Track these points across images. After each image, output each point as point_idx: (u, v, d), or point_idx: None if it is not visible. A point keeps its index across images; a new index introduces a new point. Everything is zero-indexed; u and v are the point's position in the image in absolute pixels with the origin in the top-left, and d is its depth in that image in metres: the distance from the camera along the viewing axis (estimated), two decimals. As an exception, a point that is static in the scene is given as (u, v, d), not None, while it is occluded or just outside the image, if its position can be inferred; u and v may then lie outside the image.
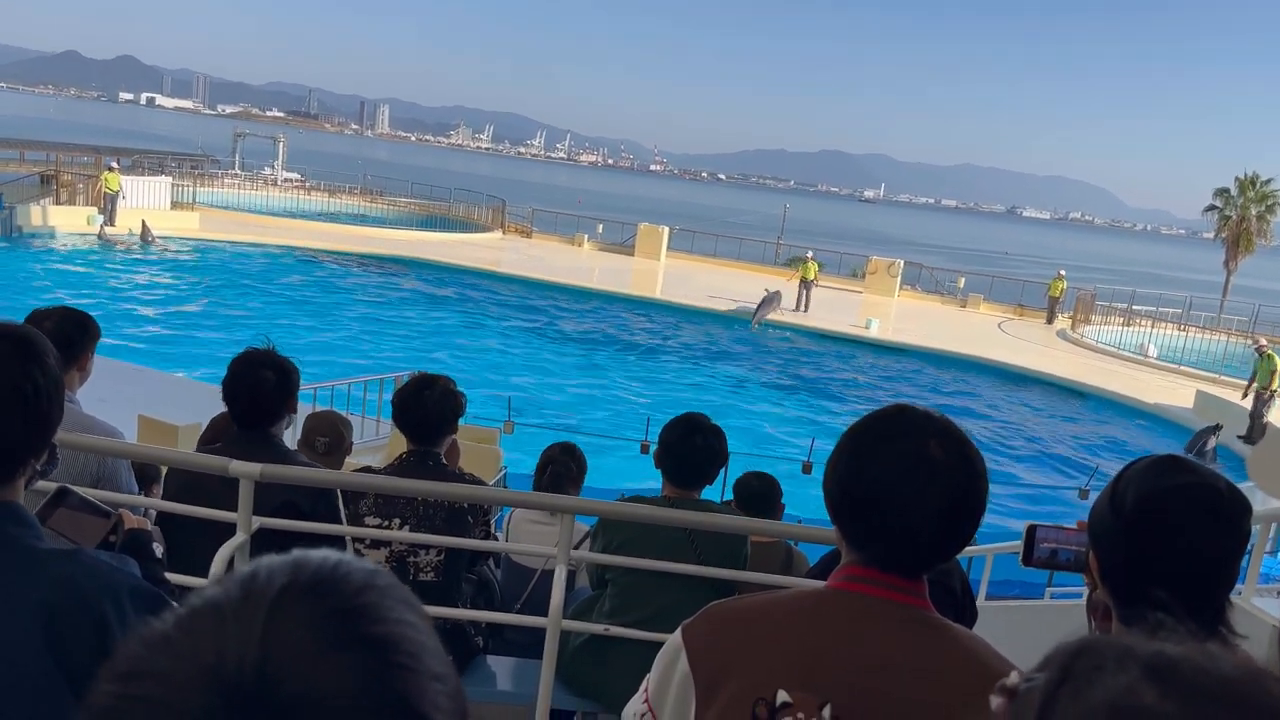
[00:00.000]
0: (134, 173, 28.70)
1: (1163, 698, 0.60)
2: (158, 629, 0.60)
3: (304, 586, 0.61)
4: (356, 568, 0.64)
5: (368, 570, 0.65)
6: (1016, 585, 8.42)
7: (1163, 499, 1.44)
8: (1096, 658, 0.66)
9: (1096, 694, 0.63)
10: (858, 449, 1.47)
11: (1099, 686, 0.63)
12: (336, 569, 0.63)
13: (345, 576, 0.63)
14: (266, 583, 0.61)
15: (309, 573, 0.62)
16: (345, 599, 0.61)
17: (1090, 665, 0.65)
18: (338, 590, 0.62)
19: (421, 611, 0.66)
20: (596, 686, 3.36)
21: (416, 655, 0.61)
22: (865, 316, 25.85)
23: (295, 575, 0.62)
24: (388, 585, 0.65)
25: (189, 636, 0.58)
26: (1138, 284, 41.90)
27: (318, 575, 0.62)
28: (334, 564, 0.64)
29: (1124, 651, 0.65)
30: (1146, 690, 0.61)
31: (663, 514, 3.21)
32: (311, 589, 0.61)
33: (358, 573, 0.64)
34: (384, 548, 3.34)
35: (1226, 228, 39.08)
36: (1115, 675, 0.63)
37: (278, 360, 3.38)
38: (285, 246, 27.50)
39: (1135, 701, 0.61)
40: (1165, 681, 0.61)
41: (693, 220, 56.52)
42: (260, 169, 41.87)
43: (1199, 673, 0.61)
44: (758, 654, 1.41)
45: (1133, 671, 0.63)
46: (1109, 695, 0.62)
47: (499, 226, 37.23)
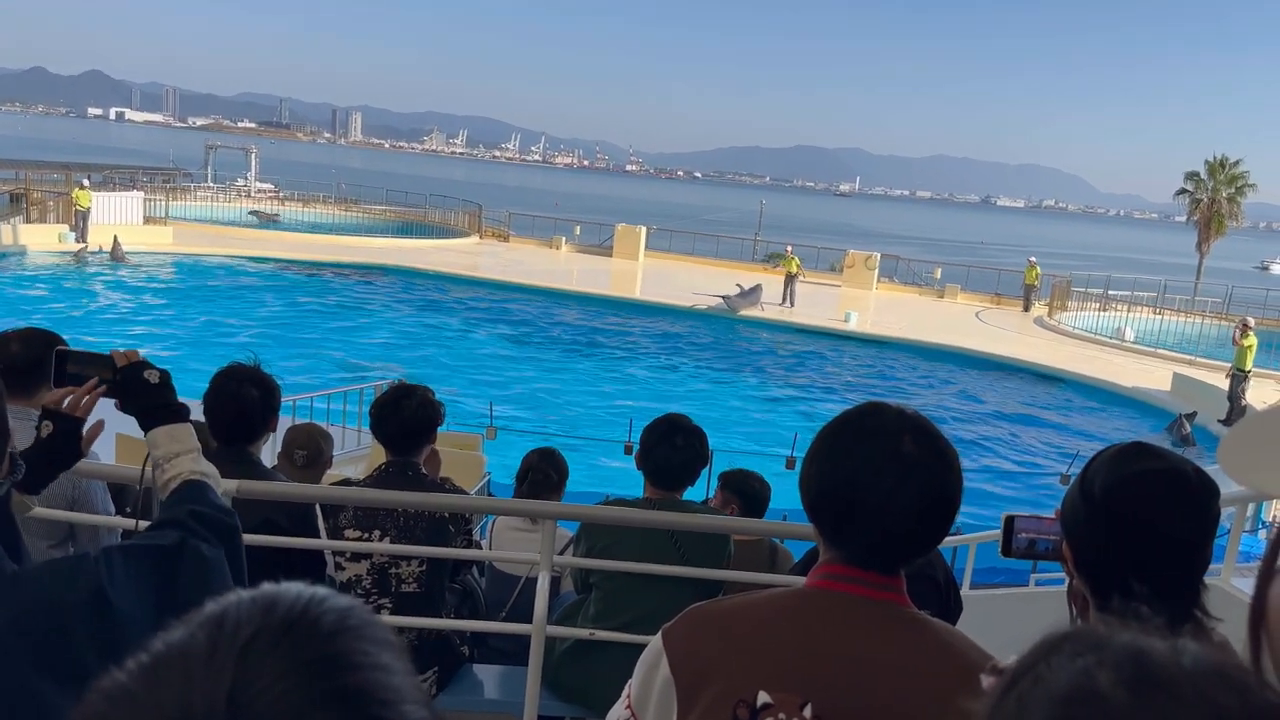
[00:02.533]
0: (105, 188, 28.43)
1: (1115, 684, 0.61)
2: (120, 680, 0.57)
3: (274, 633, 0.59)
4: (328, 607, 0.62)
5: (340, 609, 0.62)
6: (1001, 573, 8.46)
7: (1131, 485, 1.45)
8: (1067, 644, 0.67)
9: (1056, 677, 0.64)
10: (832, 447, 1.47)
11: (1059, 670, 0.64)
12: (307, 611, 0.61)
13: (317, 620, 0.61)
14: (234, 630, 0.59)
15: (279, 618, 0.60)
16: (317, 646, 0.59)
17: (1059, 653, 0.66)
18: (310, 637, 0.59)
19: (396, 648, 0.64)
20: (584, 691, 3.36)
21: (393, 704, 0.59)
22: (844, 310, 25.94)
23: (265, 621, 0.59)
24: (361, 625, 0.62)
25: (153, 690, 0.56)
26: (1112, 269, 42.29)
27: (288, 620, 0.60)
28: (304, 605, 0.61)
29: (1096, 640, 0.66)
30: (1103, 675, 0.62)
31: (645, 516, 3.21)
32: (283, 636, 0.59)
33: (329, 614, 0.62)
34: (365, 560, 3.32)
35: (1198, 211, 39.47)
36: (1076, 660, 0.64)
37: (261, 377, 3.36)
38: (260, 258, 27.33)
39: (1089, 684, 0.62)
40: (1123, 668, 0.61)
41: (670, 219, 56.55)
42: (233, 181, 41.62)
43: (1159, 664, 0.62)
44: (737, 656, 1.41)
45: (1094, 657, 0.64)
46: (1067, 678, 0.63)
47: (476, 231, 37.13)
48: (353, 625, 0.62)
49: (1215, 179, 39.35)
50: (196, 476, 1.74)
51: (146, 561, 1.42)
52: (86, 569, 1.36)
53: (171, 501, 1.68)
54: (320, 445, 4.34)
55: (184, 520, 1.55)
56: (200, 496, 1.68)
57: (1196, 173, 39.86)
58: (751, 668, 1.39)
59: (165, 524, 1.56)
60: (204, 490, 1.72)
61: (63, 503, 3.16)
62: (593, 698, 3.31)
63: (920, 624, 1.44)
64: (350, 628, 0.61)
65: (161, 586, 1.41)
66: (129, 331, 18.74)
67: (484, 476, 8.15)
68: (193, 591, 1.44)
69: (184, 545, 1.48)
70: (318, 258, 28.01)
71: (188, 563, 1.47)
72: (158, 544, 1.48)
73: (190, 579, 1.45)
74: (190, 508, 1.61)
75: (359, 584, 3.32)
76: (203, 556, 1.49)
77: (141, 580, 1.39)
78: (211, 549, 1.52)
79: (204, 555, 1.50)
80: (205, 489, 1.72)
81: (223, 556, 1.54)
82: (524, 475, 4.26)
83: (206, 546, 1.51)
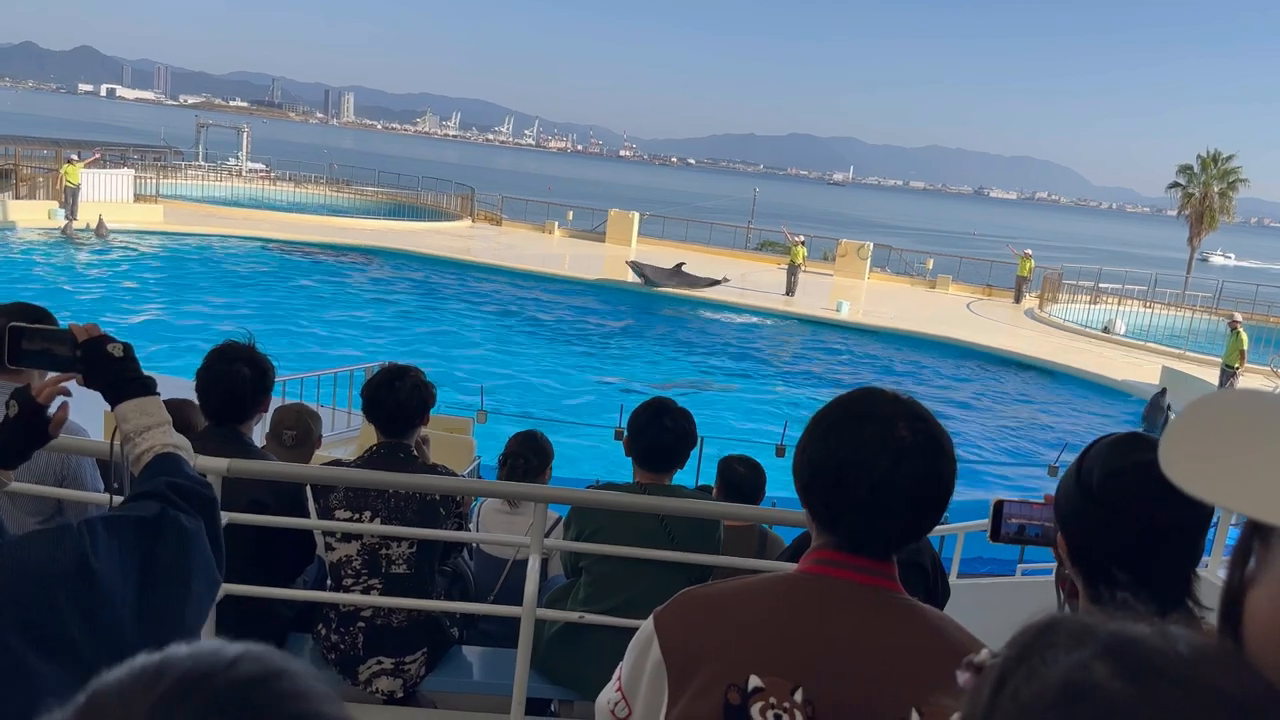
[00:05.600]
0: (93, 165, 28.20)
1: (1114, 675, 0.60)
2: None
3: (175, 696, 0.59)
4: (245, 670, 0.62)
5: (261, 674, 0.62)
6: (989, 562, 8.52)
7: (1129, 475, 1.45)
8: (1055, 636, 0.66)
9: (1050, 672, 0.63)
10: (826, 431, 1.48)
11: (1053, 664, 0.64)
12: (229, 672, 0.61)
13: (234, 682, 0.61)
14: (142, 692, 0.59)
15: (173, 684, 0.60)
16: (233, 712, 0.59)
17: (1048, 643, 0.65)
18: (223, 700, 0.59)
19: (325, 697, 0.63)
20: (573, 674, 3.36)
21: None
22: (836, 299, 25.95)
23: (155, 687, 0.59)
24: (279, 690, 0.62)
25: None
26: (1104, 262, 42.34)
27: (185, 682, 0.60)
28: (225, 665, 0.61)
29: (1083, 630, 0.65)
30: (1099, 668, 0.61)
31: (634, 500, 3.21)
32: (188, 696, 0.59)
33: (248, 674, 0.62)
34: (356, 541, 3.32)
35: (1190, 205, 39.55)
36: (1069, 653, 0.63)
37: (255, 356, 3.35)
38: (251, 238, 27.20)
39: (1086, 678, 0.61)
40: (1118, 659, 0.61)
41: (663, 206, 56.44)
42: (224, 160, 41.35)
43: (1154, 652, 0.62)
44: (729, 640, 1.42)
45: (1088, 649, 0.63)
46: (1062, 673, 0.63)
47: (468, 215, 36.99)
48: (272, 688, 0.61)
49: (1207, 173, 39.42)
50: (169, 449, 1.74)
51: (128, 532, 1.42)
52: (70, 540, 1.35)
53: (147, 474, 1.67)
54: (309, 425, 4.32)
55: (163, 492, 1.55)
56: (176, 469, 1.68)
57: (1189, 167, 39.93)
58: (743, 652, 1.39)
59: (144, 496, 1.55)
60: (179, 462, 1.71)
61: (52, 479, 3.15)
62: (581, 680, 3.31)
63: (911, 609, 1.45)
64: (269, 689, 0.61)
65: (144, 557, 1.41)
66: (119, 308, 18.64)
67: (474, 460, 8.14)
68: (174, 562, 1.45)
69: (164, 516, 1.48)
70: (309, 238, 27.88)
71: (168, 533, 1.47)
72: (139, 515, 1.47)
73: (171, 550, 1.46)
74: (168, 479, 1.60)
75: (349, 564, 3.31)
76: (183, 527, 1.49)
77: (124, 551, 1.39)
78: (191, 520, 1.52)
79: (184, 526, 1.50)
80: (180, 461, 1.72)
81: (202, 528, 1.54)
82: (504, 461, 4.25)
83: (186, 518, 1.51)
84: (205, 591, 1.50)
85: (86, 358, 1.82)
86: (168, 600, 1.42)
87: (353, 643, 3.31)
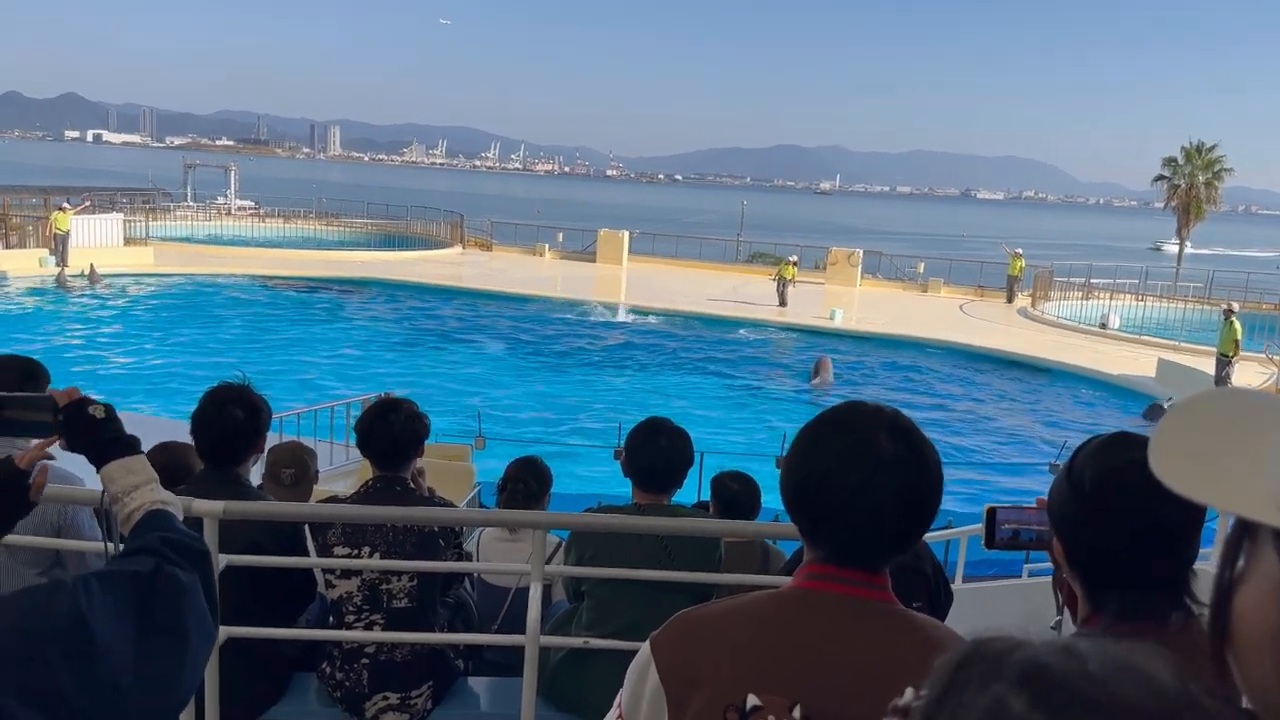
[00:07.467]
0: (84, 211, 28.24)
1: (1031, 708, 0.61)
2: None
3: None
4: None
5: None
6: (994, 565, 8.48)
7: (1122, 475, 1.44)
8: (971, 671, 0.66)
9: (969, 712, 0.64)
10: (809, 446, 1.48)
11: (971, 704, 0.64)
12: None
13: None
14: None
15: None
16: None
17: (965, 680, 0.66)
18: None
19: None
20: (580, 699, 3.35)
21: None
22: (829, 307, 26.00)
23: None
24: None
25: None
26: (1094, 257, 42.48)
27: None
28: None
29: (996, 660, 0.66)
30: (1015, 702, 0.62)
31: (633, 522, 3.21)
32: None
33: None
34: (356, 577, 3.31)
35: (1176, 196, 39.71)
36: (986, 687, 0.64)
37: (248, 397, 3.33)
38: (242, 275, 27.23)
39: (1005, 712, 0.62)
40: (1033, 689, 0.62)
41: (652, 223, 56.58)
42: (213, 199, 41.42)
43: (1064, 676, 0.62)
44: (725, 660, 1.41)
45: (1003, 682, 0.64)
46: (981, 710, 0.63)
47: (458, 241, 37.04)
48: None
49: (1193, 164, 39.60)
50: (159, 506, 1.74)
51: (124, 587, 1.42)
52: (64, 595, 1.35)
53: (140, 530, 1.67)
54: (306, 462, 4.32)
55: (157, 547, 1.55)
56: (168, 524, 1.68)
57: (1174, 159, 40.10)
58: (739, 671, 1.39)
59: (138, 551, 1.55)
60: (170, 518, 1.71)
61: (48, 530, 3.14)
62: (588, 706, 3.30)
63: (906, 621, 1.45)
64: None
65: (141, 612, 1.41)
66: (114, 353, 18.64)
67: (474, 487, 8.14)
68: (171, 616, 1.45)
69: (159, 571, 1.48)
70: (300, 273, 27.91)
71: (164, 588, 1.47)
72: (134, 570, 1.47)
73: (168, 604, 1.45)
74: (161, 535, 1.60)
75: (350, 601, 3.30)
76: (179, 581, 1.49)
77: (120, 606, 1.39)
78: (187, 574, 1.52)
79: (180, 580, 1.49)
80: (170, 517, 1.72)
81: (198, 581, 1.54)
82: (503, 487, 4.25)
83: (182, 572, 1.51)
84: (202, 645, 1.50)
85: (68, 422, 1.81)
86: (166, 654, 1.42)
87: (358, 679, 3.30)
